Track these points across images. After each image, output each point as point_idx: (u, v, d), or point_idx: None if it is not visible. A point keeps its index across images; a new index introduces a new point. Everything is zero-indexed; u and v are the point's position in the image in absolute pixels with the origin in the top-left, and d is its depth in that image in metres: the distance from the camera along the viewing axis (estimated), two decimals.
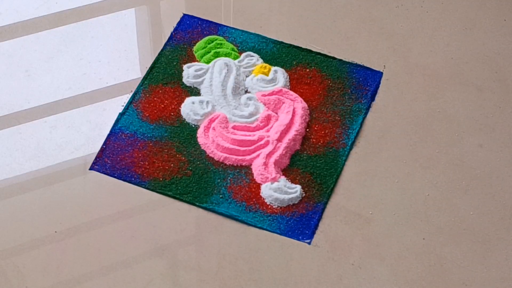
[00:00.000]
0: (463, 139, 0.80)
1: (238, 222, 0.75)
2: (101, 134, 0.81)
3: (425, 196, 0.77)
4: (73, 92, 0.85)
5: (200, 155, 0.80)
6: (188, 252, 0.74)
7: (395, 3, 0.93)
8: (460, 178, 0.78)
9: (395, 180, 0.78)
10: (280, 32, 0.90)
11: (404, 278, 0.72)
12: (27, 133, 0.81)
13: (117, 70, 0.87)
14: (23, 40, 0.89)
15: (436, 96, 0.84)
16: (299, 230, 0.74)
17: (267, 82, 0.85)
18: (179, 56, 0.87)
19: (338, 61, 0.87)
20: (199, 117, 0.82)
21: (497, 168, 0.79)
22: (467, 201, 0.76)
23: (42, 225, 0.74)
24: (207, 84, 0.85)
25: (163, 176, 0.78)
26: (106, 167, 0.78)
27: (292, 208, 0.76)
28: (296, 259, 0.73)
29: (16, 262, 0.72)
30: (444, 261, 0.73)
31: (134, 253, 0.72)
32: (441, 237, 0.74)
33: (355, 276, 0.72)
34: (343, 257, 0.73)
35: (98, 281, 0.71)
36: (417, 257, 0.73)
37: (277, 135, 0.80)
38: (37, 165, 0.79)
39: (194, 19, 0.91)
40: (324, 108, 0.83)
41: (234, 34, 0.89)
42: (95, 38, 0.89)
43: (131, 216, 0.75)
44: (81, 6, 0.92)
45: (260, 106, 0.83)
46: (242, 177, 0.78)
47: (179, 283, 0.71)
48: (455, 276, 0.72)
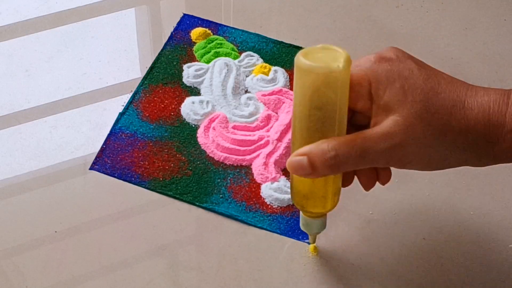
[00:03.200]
0: None
1: (238, 222, 0.75)
2: (101, 134, 0.81)
3: (425, 196, 0.77)
4: (73, 92, 0.85)
5: (200, 155, 0.80)
6: (188, 252, 0.74)
7: (395, 3, 0.93)
8: (460, 178, 0.78)
9: (395, 180, 0.78)
10: (280, 32, 0.90)
11: (404, 278, 0.72)
12: (27, 133, 0.81)
13: (117, 70, 0.87)
14: (23, 40, 0.89)
15: None
16: (299, 230, 0.74)
17: (267, 82, 0.85)
18: (179, 56, 0.87)
19: None
20: (199, 117, 0.82)
21: (497, 168, 0.79)
22: (467, 201, 0.77)
23: (42, 225, 0.74)
24: (207, 84, 0.85)
25: (163, 176, 0.78)
26: (106, 167, 0.78)
27: (292, 208, 0.76)
28: (296, 259, 0.73)
29: (16, 262, 0.72)
30: (444, 261, 0.73)
31: (134, 253, 0.72)
32: (441, 237, 0.74)
33: (355, 276, 0.72)
34: (343, 257, 0.73)
35: (98, 281, 0.71)
36: (417, 257, 0.73)
37: (277, 135, 0.80)
38: (37, 165, 0.79)
39: (194, 19, 0.91)
40: None
41: (234, 34, 0.89)
42: (95, 38, 0.89)
43: (131, 216, 0.75)
44: (81, 6, 0.92)
45: (260, 106, 0.83)
46: (242, 177, 0.78)
47: (179, 283, 0.71)
48: (455, 276, 0.72)
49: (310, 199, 0.65)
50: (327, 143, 0.59)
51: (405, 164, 0.60)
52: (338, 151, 0.58)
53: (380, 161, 0.59)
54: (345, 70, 0.59)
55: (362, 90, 0.60)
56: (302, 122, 0.61)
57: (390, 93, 0.58)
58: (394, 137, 0.58)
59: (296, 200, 0.66)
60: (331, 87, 0.59)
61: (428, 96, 0.58)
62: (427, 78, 0.59)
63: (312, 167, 0.59)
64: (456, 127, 0.58)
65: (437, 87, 0.59)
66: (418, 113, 0.57)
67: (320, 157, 0.59)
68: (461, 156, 0.60)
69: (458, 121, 0.58)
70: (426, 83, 0.58)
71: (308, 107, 0.60)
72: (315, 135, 0.60)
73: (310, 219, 0.67)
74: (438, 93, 0.58)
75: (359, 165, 0.60)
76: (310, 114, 0.60)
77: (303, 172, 0.60)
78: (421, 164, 0.60)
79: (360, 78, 0.60)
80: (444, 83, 0.59)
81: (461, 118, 0.58)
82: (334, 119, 0.60)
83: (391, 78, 0.59)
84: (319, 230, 0.69)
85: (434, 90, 0.58)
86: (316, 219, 0.67)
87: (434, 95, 0.58)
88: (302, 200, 0.65)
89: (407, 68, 0.59)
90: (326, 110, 0.60)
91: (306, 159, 0.59)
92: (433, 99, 0.58)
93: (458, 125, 0.58)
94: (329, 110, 0.59)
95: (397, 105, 0.58)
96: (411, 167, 0.60)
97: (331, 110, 0.59)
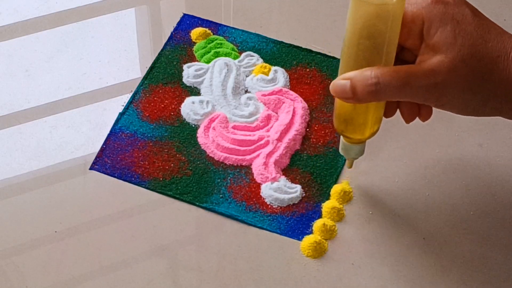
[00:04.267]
0: (463, 139, 0.81)
1: (238, 222, 0.75)
2: (101, 134, 0.81)
3: (425, 196, 0.77)
4: (73, 92, 0.85)
5: (200, 155, 0.80)
6: (188, 252, 0.74)
7: None
8: (460, 178, 0.78)
9: (395, 180, 0.78)
10: (280, 32, 0.90)
11: (404, 278, 0.72)
12: (27, 133, 0.81)
13: (117, 70, 0.87)
14: (23, 40, 0.89)
15: None
16: (299, 230, 0.74)
17: (267, 82, 0.85)
18: (179, 56, 0.87)
19: (338, 61, 0.87)
20: (199, 117, 0.82)
21: (497, 168, 0.79)
22: (467, 201, 0.76)
23: (42, 225, 0.74)
24: (207, 84, 0.85)
25: (163, 176, 0.78)
26: (106, 167, 0.78)
27: (292, 208, 0.76)
28: (296, 259, 0.73)
29: (16, 262, 0.72)
30: (444, 261, 0.73)
31: (134, 253, 0.72)
32: (441, 237, 0.74)
33: (355, 276, 0.72)
34: (343, 257, 0.73)
35: (98, 281, 0.71)
36: (417, 257, 0.73)
37: (277, 135, 0.80)
38: (37, 165, 0.79)
39: (194, 19, 0.91)
40: (324, 108, 0.83)
41: (234, 34, 0.89)
42: (95, 38, 0.89)
43: (131, 216, 0.75)
44: (81, 6, 0.92)
45: (260, 106, 0.83)
46: (242, 177, 0.78)
47: (179, 283, 0.71)
48: (455, 276, 0.72)
49: (349, 124, 0.67)
50: (371, 70, 0.61)
51: (442, 105, 0.62)
52: (380, 79, 0.61)
53: (419, 96, 0.62)
54: (399, 4, 0.61)
55: (414, 27, 0.62)
56: (350, 49, 0.63)
57: (441, 34, 0.61)
58: (436, 75, 0.60)
59: (337, 124, 0.68)
60: (383, 19, 0.61)
61: (477, 43, 0.60)
62: (479, 25, 0.61)
63: (353, 91, 0.62)
64: (497, 76, 0.60)
65: (486, 36, 0.61)
66: (464, 57, 0.60)
67: (362, 82, 0.61)
68: (497, 106, 0.63)
69: (501, 71, 0.60)
70: (476, 30, 0.61)
71: (358, 36, 0.62)
72: (361, 63, 0.62)
73: (349, 144, 0.70)
74: (486, 42, 0.61)
75: (398, 96, 0.62)
76: (359, 43, 0.62)
77: (344, 96, 0.63)
78: (457, 107, 0.63)
79: (414, 16, 0.62)
80: (493, 33, 0.62)
81: (504, 68, 0.60)
82: (382, 51, 0.62)
83: (444, 20, 0.61)
84: (356, 156, 0.71)
85: (483, 38, 0.61)
86: (354, 144, 0.69)
87: (482, 43, 0.60)
88: (342, 124, 0.67)
89: (461, 13, 0.62)
90: (375, 41, 0.61)
91: (349, 83, 0.62)
92: (480, 46, 0.60)
93: (500, 75, 0.60)
94: (378, 41, 0.61)
95: (445, 47, 0.60)
96: (447, 108, 0.63)
97: (380, 41, 0.61)
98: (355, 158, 0.72)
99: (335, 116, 0.67)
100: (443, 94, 0.61)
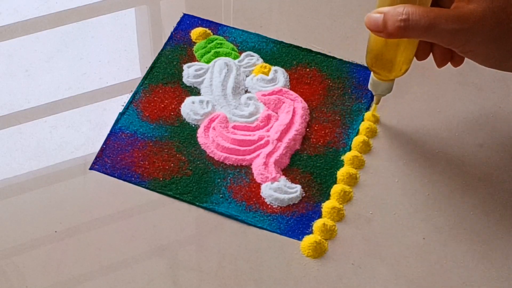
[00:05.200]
0: (463, 139, 0.81)
1: (238, 222, 0.75)
2: (101, 134, 0.81)
3: (425, 196, 0.77)
4: (73, 92, 0.85)
5: (200, 154, 0.80)
6: (188, 252, 0.74)
7: None
8: (460, 178, 0.78)
9: (395, 180, 0.78)
10: (280, 32, 0.90)
11: (404, 278, 0.72)
12: (27, 133, 0.81)
13: (117, 70, 0.87)
14: (23, 40, 0.89)
15: (436, 96, 0.84)
16: (299, 230, 0.74)
17: (267, 82, 0.85)
18: (179, 56, 0.87)
19: (338, 61, 0.87)
20: (199, 116, 0.82)
21: (497, 168, 0.79)
22: (467, 201, 0.76)
23: (42, 225, 0.74)
24: (207, 84, 0.85)
25: (163, 176, 0.78)
26: (106, 167, 0.78)
27: (292, 208, 0.76)
28: (296, 259, 0.73)
29: (16, 262, 0.72)
30: (444, 261, 0.73)
31: (134, 253, 0.72)
32: (441, 237, 0.74)
33: (355, 276, 0.72)
34: (343, 257, 0.73)
35: (98, 281, 0.71)
36: (417, 257, 0.73)
37: (277, 135, 0.80)
38: (37, 165, 0.79)
39: (194, 19, 0.91)
40: (324, 108, 0.83)
41: (234, 34, 0.89)
42: (95, 38, 0.89)
43: (131, 216, 0.75)
44: (81, 6, 0.92)
45: (260, 105, 0.83)
46: (242, 177, 0.78)
47: (179, 283, 0.71)
48: (455, 276, 0.72)
49: (379, 59, 0.70)
50: (403, 7, 0.64)
51: (466, 52, 0.66)
52: (410, 16, 0.63)
53: (445, 39, 0.64)
54: None
55: None
56: None
57: None
58: (465, 22, 0.63)
59: (368, 58, 0.71)
60: None
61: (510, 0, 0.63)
62: None
63: (384, 25, 0.65)
64: None
65: None
66: (495, 10, 0.63)
67: (393, 17, 0.64)
68: None
69: None
70: None
71: None
72: (398, 1, 0.65)
73: (377, 80, 0.73)
74: None
75: (425, 36, 0.64)
76: None
77: (376, 29, 0.66)
78: (480, 57, 0.66)
79: None
80: None
81: None
82: None
83: None
84: (383, 93, 0.74)
85: None
86: (383, 81, 0.72)
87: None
88: (372, 59, 0.71)
89: None
90: None
91: (382, 17, 0.65)
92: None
93: None
94: None
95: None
96: (470, 56, 0.66)
97: None
98: (382, 94, 0.75)
99: (368, 51, 0.71)
100: (468, 41, 0.63)
